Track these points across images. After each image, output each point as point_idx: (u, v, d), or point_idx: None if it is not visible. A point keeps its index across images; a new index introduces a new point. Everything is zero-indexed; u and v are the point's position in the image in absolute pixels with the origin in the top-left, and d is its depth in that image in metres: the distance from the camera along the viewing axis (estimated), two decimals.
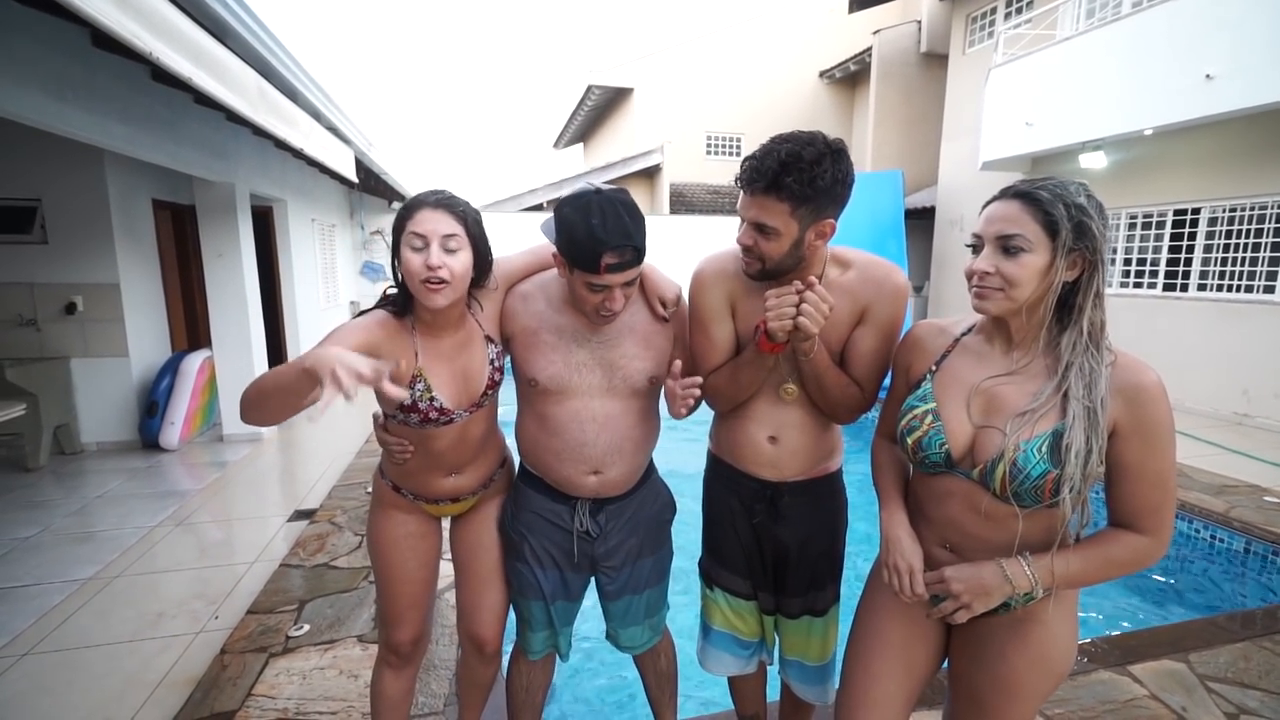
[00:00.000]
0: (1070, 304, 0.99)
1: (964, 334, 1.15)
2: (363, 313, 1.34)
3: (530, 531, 1.48)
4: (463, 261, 1.25)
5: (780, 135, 1.17)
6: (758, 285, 1.30)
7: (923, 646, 1.19)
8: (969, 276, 1.04)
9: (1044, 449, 0.96)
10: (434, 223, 1.22)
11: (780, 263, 1.22)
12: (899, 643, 1.18)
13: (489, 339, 1.40)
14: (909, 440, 1.10)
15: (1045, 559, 1.00)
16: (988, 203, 1.05)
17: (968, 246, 1.07)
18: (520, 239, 1.36)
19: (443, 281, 1.22)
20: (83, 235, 4.45)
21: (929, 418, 1.08)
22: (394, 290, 1.34)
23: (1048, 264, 0.96)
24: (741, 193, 1.21)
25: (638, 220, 1.23)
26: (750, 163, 1.16)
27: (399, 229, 1.26)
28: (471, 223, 1.28)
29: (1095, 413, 0.94)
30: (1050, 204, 0.96)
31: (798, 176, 1.11)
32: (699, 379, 1.27)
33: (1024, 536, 1.02)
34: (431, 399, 1.32)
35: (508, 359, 1.46)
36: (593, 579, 1.55)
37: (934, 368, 1.13)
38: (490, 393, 1.40)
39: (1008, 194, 1.01)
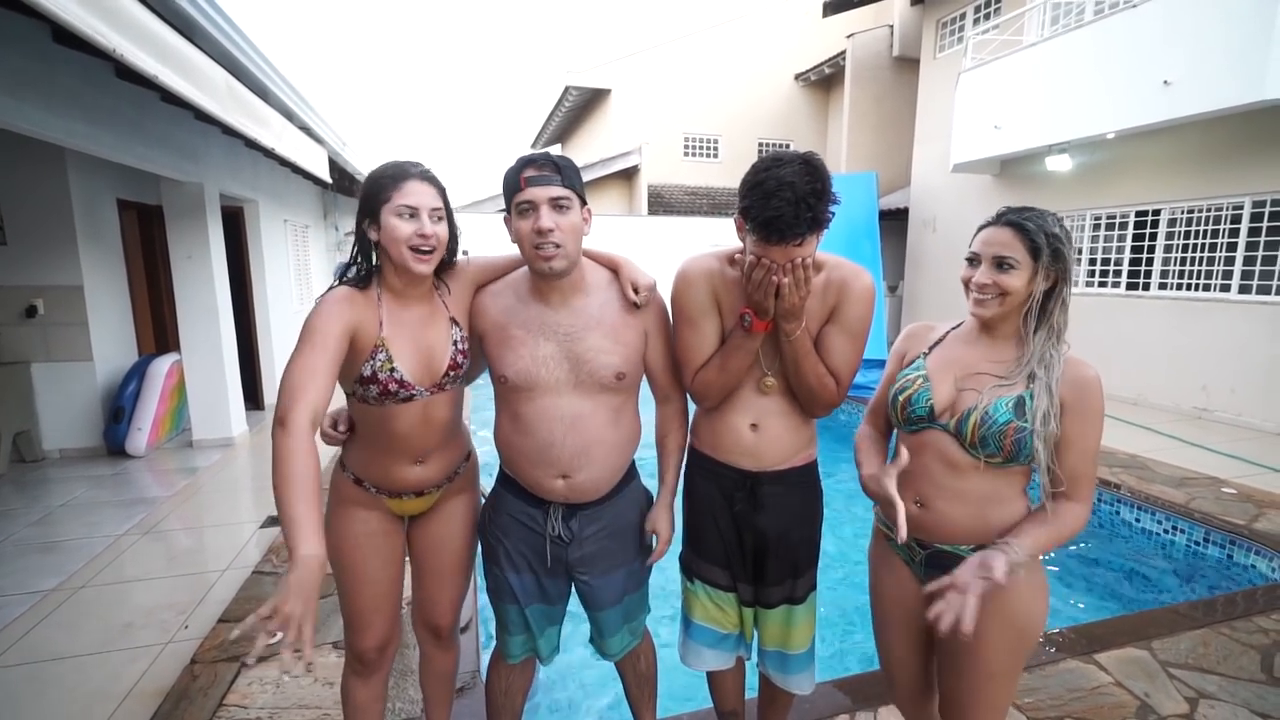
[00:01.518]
0: (1043, 308, 1.23)
1: (953, 329, 1.38)
2: (333, 286, 1.34)
3: (505, 535, 1.48)
4: (444, 230, 1.33)
5: (773, 177, 1.14)
6: (740, 283, 1.35)
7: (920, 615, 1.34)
8: (966, 284, 1.26)
9: (1010, 405, 1.19)
10: (423, 195, 1.29)
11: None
12: (900, 615, 1.38)
13: (454, 320, 1.41)
14: (900, 398, 1.30)
15: (1023, 538, 1.18)
16: (982, 227, 1.27)
17: (966, 260, 1.28)
18: (498, 239, 1.36)
19: (433, 250, 1.30)
20: (44, 236, 4.31)
21: (920, 380, 1.30)
22: (348, 265, 1.37)
23: (1030, 278, 1.20)
24: (765, 244, 1.18)
25: (563, 157, 1.33)
26: (776, 220, 1.13)
27: (378, 195, 1.28)
28: (446, 196, 1.37)
29: (1051, 388, 1.18)
30: (1034, 233, 1.19)
31: (827, 206, 1.17)
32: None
33: (988, 491, 1.23)
34: (392, 370, 1.31)
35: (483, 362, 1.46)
36: (573, 585, 1.54)
37: (927, 351, 1.35)
38: (452, 374, 1.39)
39: (1000, 221, 1.24)
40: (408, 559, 1.57)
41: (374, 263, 1.36)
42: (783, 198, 1.12)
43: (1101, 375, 1.20)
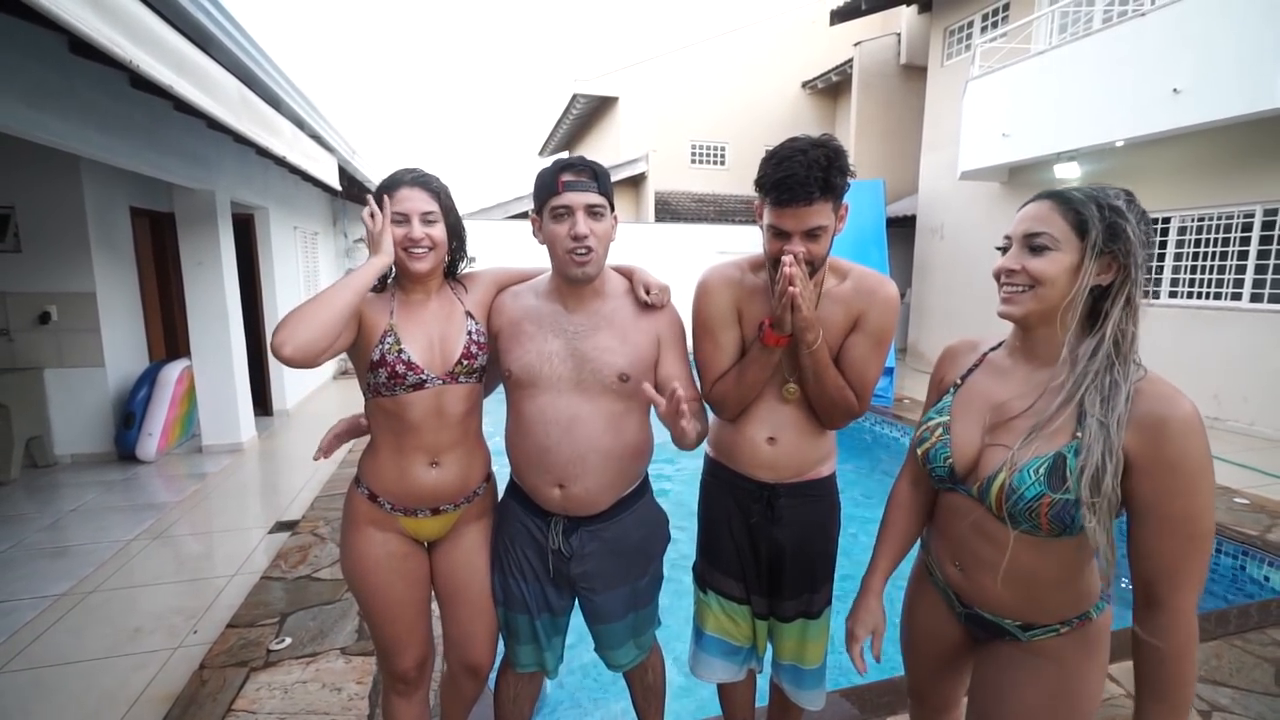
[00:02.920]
0: (1094, 310, 0.94)
1: (992, 349, 1.12)
2: None
3: (513, 543, 1.47)
4: (440, 231, 1.38)
5: (789, 147, 1.21)
6: (761, 290, 1.37)
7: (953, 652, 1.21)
8: (996, 276, 1.01)
9: (1042, 470, 0.90)
10: (414, 201, 1.34)
11: (824, 259, 1.29)
12: (934, 649, 1.24)
13: (470, 314, 1.43)
14: (919, 450, 1.12)
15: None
16: (1023, 205, 1.02)
17: (997, 249, 1.03)
18: (506, 246, 1.39)
19: (427, 249, 1.35)
20: (58, 243, 4.37)
21: (939, 430, 1.08)
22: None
23: (1077, 264, 0.91)
24: (778, 209, 1.22)
25: (598, 164, 1.36)
26: (788, 179, 1.18)
27: (379, 204, 1.35)
28: (445, 197, 1.40)
29: (1111, 432, 0.85)
30: (1082, 204, 0.92)
31: (839, 174, 1.20)
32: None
33: (1037, 565, 0.97)
34: (399, 351, 1.33)
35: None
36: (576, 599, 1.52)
37: (959, 382, 1.13)
38: (465, 363, 1.38)
39: (1041, 196, 0.98)
40: (433, 592, 1.53)
41: (391, 271, 1.42)
42: (795, 161, 1.18)
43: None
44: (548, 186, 1.32)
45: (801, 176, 1.17)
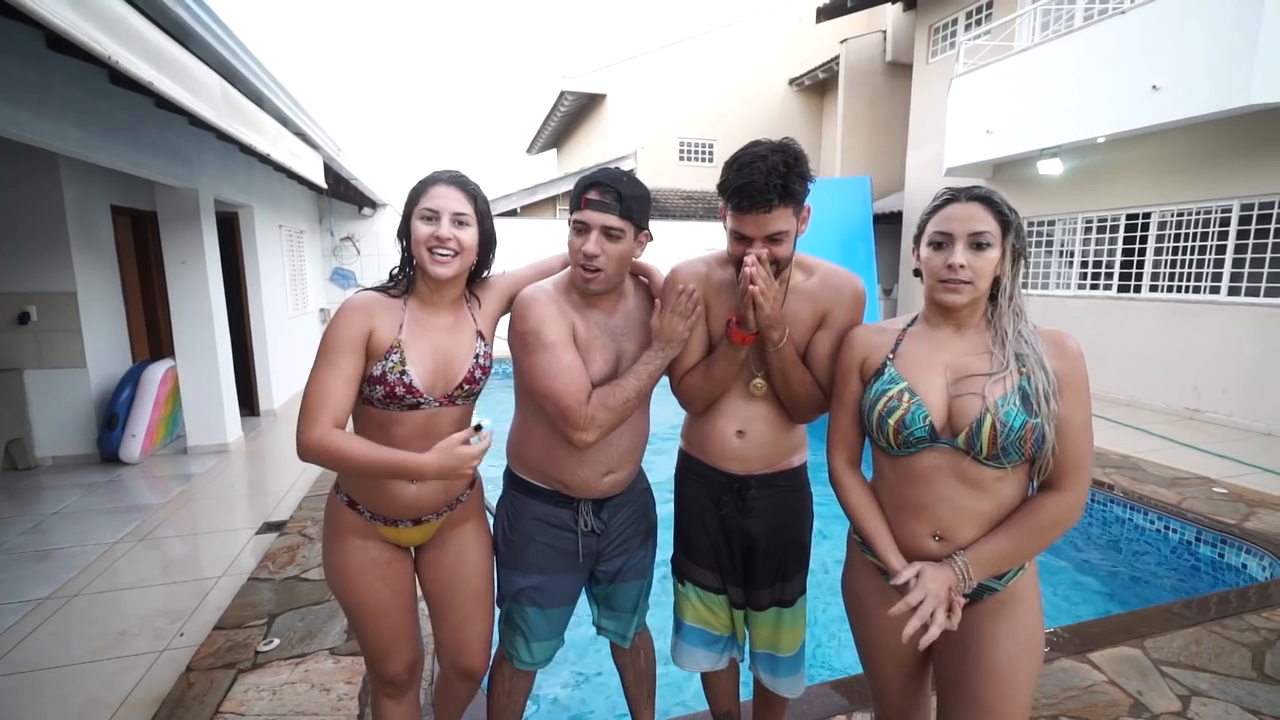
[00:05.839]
0: (999, 288, 1.15)
1: (907, 327, 1.24)
2: (364, 289, 1.36)
3: (532, 539, 1.46)
4: (471, 236, 1.31)
5: (749, 153, 1.23)
6: (728, 286, 1.38)
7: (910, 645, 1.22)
8: (934, 272, 1.13)
9: (1017, 401, 1.07)
10: (446, 199, 1.29)
11: (788, 260, 1.31)
12: (905, 651, 1.24)
13: (480, 334, 1.39)
14: (890, 421, 1.14)
15: (978, 550, 1.10)
16: (939, 206, 1.15)
17: (930, 245, 1.15)
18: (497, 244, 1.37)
19: (452, 254, 1.29)
20: (37, 242, 4.30)
21: (906, 395, 1.14)
22: (394, 271, 1.38)
23: (1000, 256, 1.11)
24: (739, 215, 1.25)
25: (634, 183, 1.33)
26: (747, 186, 1.20)
27: (411, 202, 1.31)
28: (481, 202, 1.35)
29: (1044, 363, 1.08)
30: (1002, 206, 1.11)
31: (798, 180, 1.22)
32: None
33: (1012, 498, 1.12)
34: (402, 373, 1.28)
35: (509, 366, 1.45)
36: (589, 575, 1.56)
37: (891, 356, 1.21)
38: (466, 388, 1.35)
39: (963, 198, 1.13)
40: (421, 595, 1.51)
41: (412, 270, 1.37)
42: (755, 168, 1.19)
43: (1093, 377, 1.13)
44: (574, 200, 1.33)
45: (760, 184, 1.19)
